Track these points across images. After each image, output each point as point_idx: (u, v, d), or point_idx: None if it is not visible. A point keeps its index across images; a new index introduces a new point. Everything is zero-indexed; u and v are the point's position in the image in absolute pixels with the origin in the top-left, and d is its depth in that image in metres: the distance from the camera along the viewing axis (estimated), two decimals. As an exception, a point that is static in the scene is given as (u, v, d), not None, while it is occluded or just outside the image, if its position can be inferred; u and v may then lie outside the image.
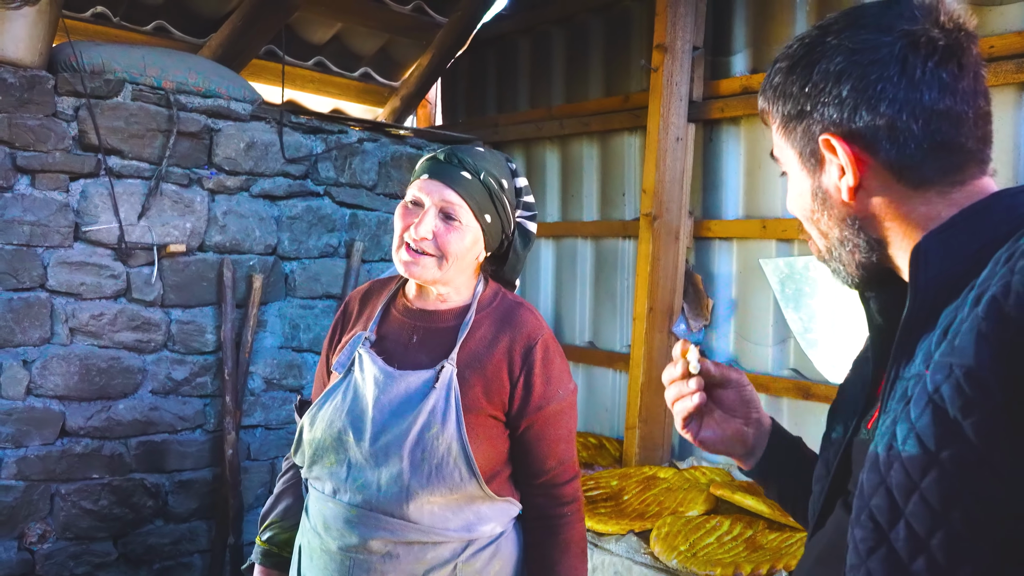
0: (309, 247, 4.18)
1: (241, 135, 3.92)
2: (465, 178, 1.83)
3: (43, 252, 3.44)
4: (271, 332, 4.08)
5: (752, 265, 3.69)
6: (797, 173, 1.09)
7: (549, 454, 1.86)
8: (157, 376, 3.76)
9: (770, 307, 3.62)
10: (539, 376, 1.84)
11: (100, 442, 3.62)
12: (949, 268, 0.97)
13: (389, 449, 1.78)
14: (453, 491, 1.78)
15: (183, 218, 3.76)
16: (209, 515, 3.94)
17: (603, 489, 3.26)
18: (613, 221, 4.32)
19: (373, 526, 1.78)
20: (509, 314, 1.91)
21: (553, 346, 1.90)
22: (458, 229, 1.82)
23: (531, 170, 4.82)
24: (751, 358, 3.71)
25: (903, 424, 0.90)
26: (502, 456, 1.86)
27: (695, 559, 2.57)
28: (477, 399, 1.81)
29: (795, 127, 1.06)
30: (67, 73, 3.47)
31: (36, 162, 3.38)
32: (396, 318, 1.95)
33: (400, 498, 1.77)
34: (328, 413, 1.87)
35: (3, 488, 3.39)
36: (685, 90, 3.71)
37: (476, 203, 1.83)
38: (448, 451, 1.77)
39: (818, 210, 1.07)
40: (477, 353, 1.85)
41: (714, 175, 3.85)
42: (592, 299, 4.46)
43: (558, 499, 1.88)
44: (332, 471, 1.85)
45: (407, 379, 1.83)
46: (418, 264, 1.83)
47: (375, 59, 5.34)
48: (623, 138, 4.30)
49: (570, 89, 4.64)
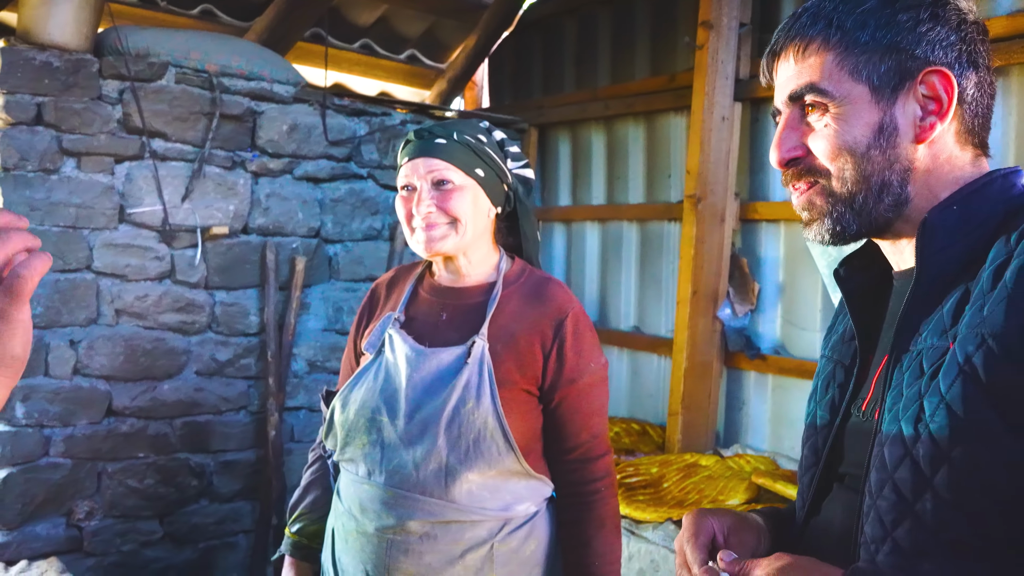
0: (352, 230, 4.18)
1: (284, 118, 3.93)
2: (441, 144, 1.84)
3: (89, 234, 3.48)
4: (314, 314, 4.09)
5: (800, 248, 3.59)
6: (862, 104, 1.05)
7: (583, 428, 1.86)
8: (201, 357, 3.79)
9: (818, 291, 3.52)
10: (571, 349, 1.83)
11: (145, 422, 3.66)
12: (952, 243, 1.00)
13: (425, 427, 1.78)
14: (491, 466, 1.77)
15: (226, 200, 3.78)
16: (253, 496, 3.98)
17: (642, 476, 3.20)
18: (658, 204, 4.24)
19: (410, 507, 1.78)
20: (538, 289, 1.91)
21: (583, 320, 1.88)
22: (456, 190, 1.83)
23: (576, 152, 4.76)
24: (798, 343, 3.61)
25: (931, 397, 0.92)
26: (535, 431, 1.86)
27: (732, 548, 2.51)
28: (510, 373, 1.80)
29: (879, 55, 1.05)
30: (111, 57, 3.50)
31: (81, 145, 3.42)
32: (424, 298, 1.95)
33: (438, 476, 1.76)
34: (360, 394, 1.87)
35: (51, 466, 3.45)
36: (731, 68, 3.61)
37: (461, 161, 1.84)
38: (484, 425, 1.76)
39: (877, 145, 1.05)
40: (508, 328, 1.84)
41: (761, 155, 3.76)
42: (637, 283, 4.40)
43: (592, 474, 1.87)
44: (365, 452, 1.84)
45: (439, 356, 1.82)
46: (435, 238, 1.84)
47: (421, 41, 5.32)
48: (669, 119, 4.21)
49: (616, 70, 4.57)
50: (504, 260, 1.96)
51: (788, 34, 1.11)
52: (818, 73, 1.07)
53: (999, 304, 0.88)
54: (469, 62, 5.28)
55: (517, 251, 2.02)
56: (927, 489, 0.90)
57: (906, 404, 0.95)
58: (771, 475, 3.02)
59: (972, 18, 1.06)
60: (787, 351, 3.67)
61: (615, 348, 4.43)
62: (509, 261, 1.97)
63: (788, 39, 1.11)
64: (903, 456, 0.93)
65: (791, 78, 1.11)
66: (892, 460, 0.94)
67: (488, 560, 1.80)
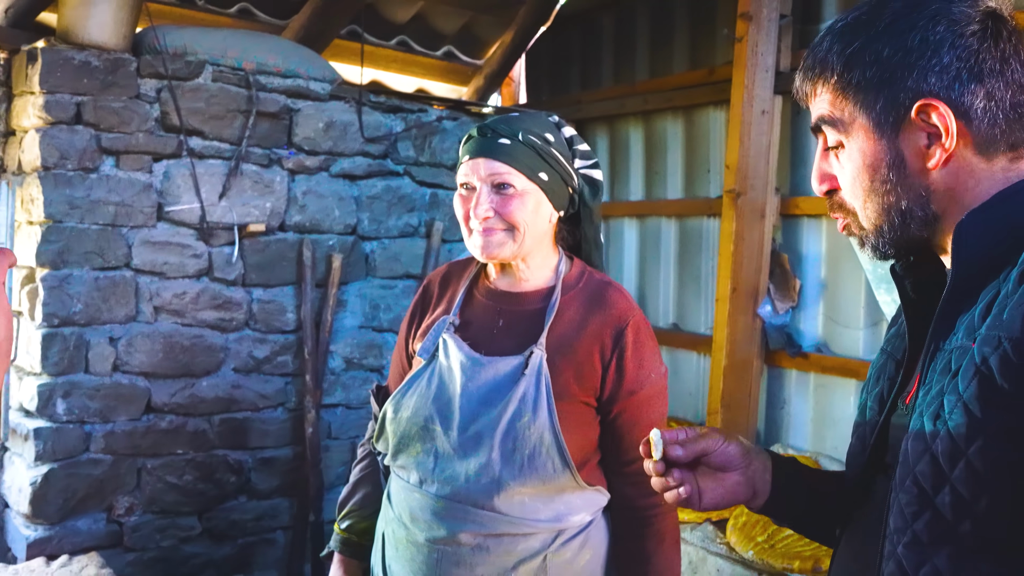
0: (389, 227, 4.17)
1: (320, 115, 3.93)
2: (505, 145, 1.75)
3: (128, 232, 3.51)
4: (351, 312, 4.09)
5: (842, 244, 3.52)
6: (867, 142, 1.07)
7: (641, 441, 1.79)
8: (239, 354, 3.81)
9: (861, 288, 3.45)
10: (631, 360, 1.76)
11: (184, 418, 3.69)
12: (988, 246, 1.00)
13: (479, 439, 1.73)
14: (545, 483, 1.72)
15: (263, 198, 3.80)
16: (290, 492, 3.99)
17: (681, 475, 3.16)
18: (698, 199, 4.19)
19: (462, 518, 1.73)
20: (598, 295, 1.83)
21: (644, 328, 1.81)
22: (516, 196, 1.75)
23: (614, 148, 4.71)
24: (840, 341, 3.55)
25: (950, 395, 0.94)
26: (592, 444, 1.79)
27: (773, 551, 2.46)
28: (568, 385, 1.74)
29: (873, 93, 1.05)
30: (149, 56, 3.52)
31: (120, 143, 3.45)
32: (480, 302, 1.88)
33: (490, 490, 1.71)
34: (413, 401, 1.82)
35: (92, 462, 3.48)
36: (771, 60, 3.55)
37: (524, 165, 1.75)
38: (540, 441, 1.70)
39: (890, 179, 1.06)
40: (566, 337, 1.77)
41: (803, 149, 3.69)
42: (676, 280, 4.34)
43: (650, 488, 1.81)
44: (418, 461, 1.80)
45: (495, 366, 1.76)
46: (492, 244, 1.76)
47: (458, 37, 5.29)
48: (708, 113, 4.16)
49: (654, 64, 4.52)
50: (563, 262, 1.88)
51: (801, 74, 1.15)
52: (826, 108, 1.11)
53: (1018, 308, 0.90)
54: (506, 58, 5.24)
55: (577, 251, 1.94)
56: (945, 483, 0.93)
57: (931, 400, 0.97)
58: (813, 475, 2.96)
59: (974, 26, 1.02)
60: (829, 349, 3.60)
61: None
62: (568, 263, 1.89)
63: (801, 80, 1.15)
64: (924, 451, 0.96)
65: (812, 111, 1.14)
66: (914, 454, 0.97)
67: (542, 571, 1.75)
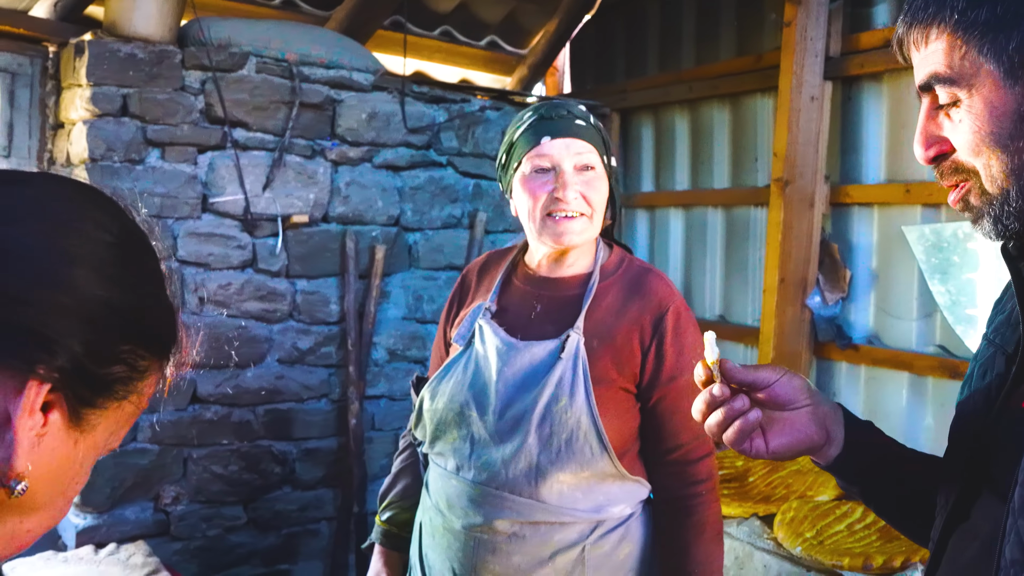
0: (432, 218, 4.16)
1: (363, 106, 3.92)
2: (582, 126, 1.74)
3: (173, 223, 3.53)
4: (394, 303, 4.08)
5: (894, 233, 3.42)
6: (995, 92, 0.93)
7: (682, 429, 1.74)
8: (283, 345, 3.82)
9: (914, 278, 3.35)
10: (671, 346, 1.73)
11: (229, 409, 3.71)
12: None
13: (515, 424, 1.71)
14: (584, 468, 1.69)
15: (306, 189, 3.80)
16: (334, 483, 3.99)
17: (727, 469, 3.10)
18: (744, 189, 4.11)
19: (499, 505, 1.71)
20: (637, 281, 1.80)
21: (685, 314, 1.79)
22: (598, 178, 1.75)
23: (659, 137, 4.64)
24: (893, 334, 3.45)
25: None
26: (632, 431, 1.76)
27: (821, 548, 2.39)
28: (606, 370, 1.72)
29: (1005, 33, 0.91)
30: (194, 47, 3.54)
31: (165, 135, 3.47)
32: (517, 288, 1.87)
33: (528, 476, 1.69)
34: (449, 387, 1.80)
35: (139, 451, 3.51)
36: (821, 45, 3.45)
37: (601, 147, 1.75)
38: (577, 425, 1.68)
39: (1021, 135, 0.92)
40: (605, 322, 1.75)
41: (853, 136, 3.59)
42: (722, 271, 4.27)
43: (691, 477, 1.76)
44: (455, 447, 1.78)
45: (531, 350, 1.74)
46: (573, 231, 1.73)
47: (502, 27, 5.26)
48: (755, 100, 4.07)
49: (700, 51, 4.44)
50: (602, 249, 1.86)
51: (906, 20, 1.00)
52: (940, 62, 0.96)
53: None
54: (550, 47, 5.20)
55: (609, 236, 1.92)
56: None
57: None
58: (863, 470, 2.88)
59: None
60: (881, 341, 3.51)
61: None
62: (607, 250, 1.87)
63: (907, 26, 1.00)
64: None
65: (918, 67, 1.00)
66: None
67: (579, 563, 1.72)
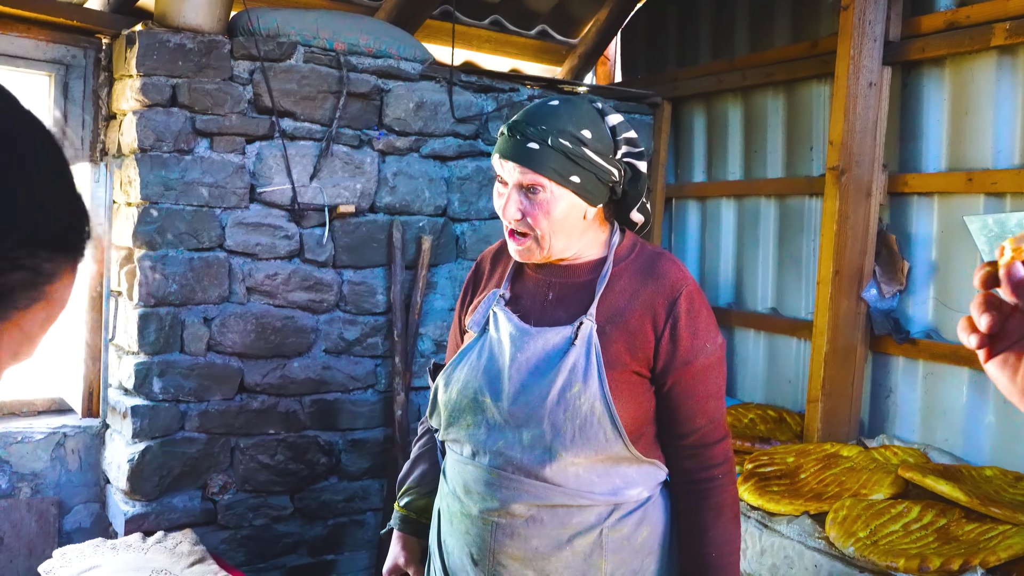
0: (479, 208, 4.12)
1: (411, 95, 3.90)
2: (533, 150, 1.68)
3: (221, 213, 3.54)
4: (441, 294, 4.06)
5: (955, 223, 3.30)
6: None
7: (697, 412, 1.75)
8: (330, 336, 3.82)
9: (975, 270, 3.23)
10: (685, 329, 1.72)
11: (276, 399, 3.71)
12: None
13: (529, 409, 1.71)
14: (598, 452, 1.70)
15: (353, 179, 3.78)
16: (380, 474, 3.99)
17: (778, 466, 3.02)
18: (799, 178, 4.00)
19: (515, 489, 1.72)
20: (650, 265, 1.80)
21: (698, 297, 1.77)
22: (545, 202, 1.71)
23: (712, 126, 4.55)
24: (952, 327, 3.33)
25: None
26: (647, 415, 1.76)
27: (875, 548, 2.31)
28: (620, 355, 1.72)
29: None
30: (242, 37, 3.54)
31: (214, 125, 3.48)
32: (530, 275, 1.87)
33: (543, 460, 1.70)
34: (463, 373, 1.81)
35: (187, 440, 3.54)
36: (880, 29, 3.34)
37: (553, 171, 1.69)
38: (591, 410, 1.68)
39: None
40: (618, 307, 1.75)
41: (912, 124, 3.47)
42: (775, 262, 4.17)
43: (708, 460, 1.77)
44: (470, 433, 1.79)
45: (545, 336, 1.75)
46: (524, 248, 1.77)
47: (552, 16, 5.20)
48: (811, 87, 3.96)
49: (754, 38, 4.34)
50: (616, 235, 1.85)
51: None
52: None
53: None
54: (601, 36, 5.13)
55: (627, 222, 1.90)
56: None
57: None
58: (920, 469, 2.78)
59: None
60: (940, 335, 3.39)
61: (751, 331, 4.22)
62: (621, 236, 1.86)
63: None
64: None
65: None
66: None
67: (598, 546, 1.73)
